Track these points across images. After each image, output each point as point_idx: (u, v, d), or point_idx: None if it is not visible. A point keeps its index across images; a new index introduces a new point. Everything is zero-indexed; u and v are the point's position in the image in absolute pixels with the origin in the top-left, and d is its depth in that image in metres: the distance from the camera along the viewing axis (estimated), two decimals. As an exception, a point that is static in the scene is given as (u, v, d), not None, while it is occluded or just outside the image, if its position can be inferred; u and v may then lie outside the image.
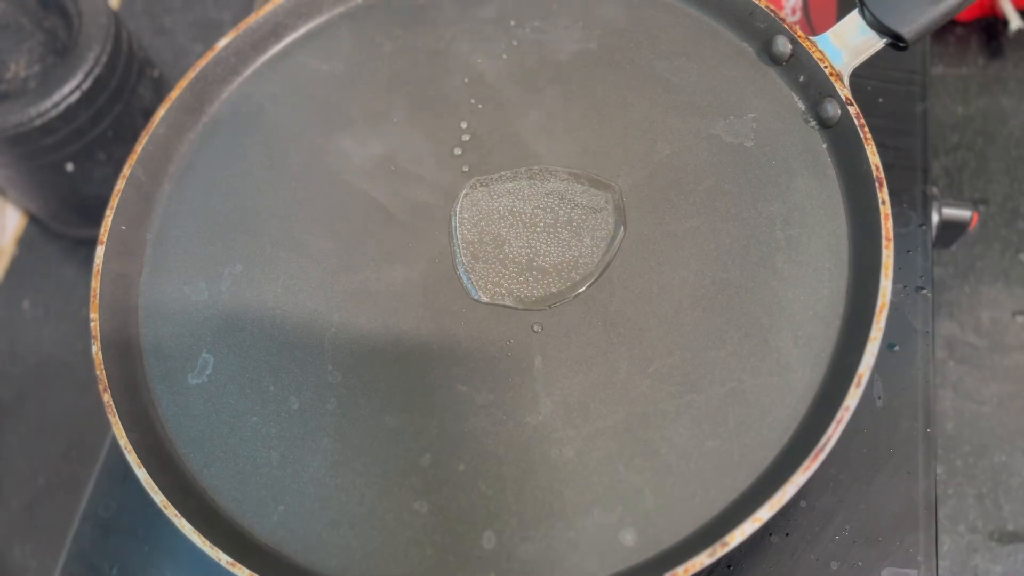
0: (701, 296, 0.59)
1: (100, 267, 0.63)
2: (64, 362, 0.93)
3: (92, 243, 0.64)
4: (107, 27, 0.83)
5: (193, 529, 0.53)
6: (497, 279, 0.62)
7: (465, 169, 0.66)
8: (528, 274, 0.62)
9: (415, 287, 0.63)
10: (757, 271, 0.59)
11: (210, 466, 0.59)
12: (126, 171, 0.66)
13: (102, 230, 0.64)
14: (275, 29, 0.72)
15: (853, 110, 0.58)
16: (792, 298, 0.57)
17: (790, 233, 0.59)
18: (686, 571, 0.49)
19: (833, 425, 0.50)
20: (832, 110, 0.60)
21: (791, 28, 0.62)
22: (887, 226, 0.55)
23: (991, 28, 0.98)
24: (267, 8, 0.71)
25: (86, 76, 0.81)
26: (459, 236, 0.64)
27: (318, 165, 0.68)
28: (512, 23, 0.71)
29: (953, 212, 0.72)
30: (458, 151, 0.67)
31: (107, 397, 0.59)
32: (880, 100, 0.72)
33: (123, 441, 0.57)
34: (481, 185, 0.65)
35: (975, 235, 0.86)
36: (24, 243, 1.01)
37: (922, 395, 0.62)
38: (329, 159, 0.68)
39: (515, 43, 0.70)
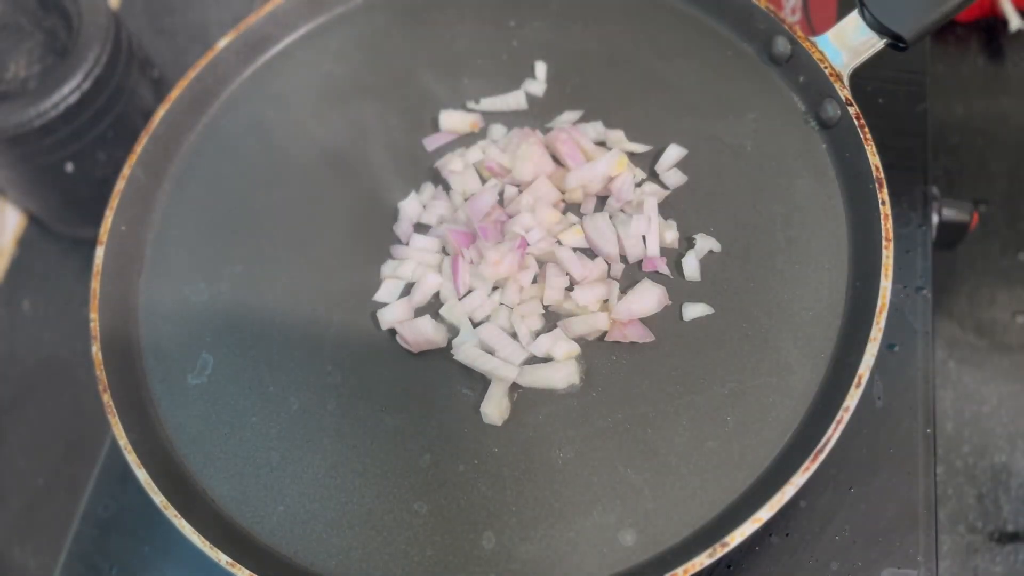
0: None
1: (100, 267, 0.63)
2: (64, 362, 0.93)
3: (92, 243, 0.64)
4: (107, 27, 0.83)
5: (193, 529, 0.53)
6: (497, 279, 0.62)
7: (465, 169, 0.66)
8: (528, 274, 0.62)
9: (415, 287, 0.63)
10: (757, 272, 0.59)
11: (210, 466, 0.59)
12: (126, 171, 0.66)
13: (102, 230, 0.64)
14: (275, 29, 0.72)
15: (853, 110, 0.58)
16: (792, 298, 0.57)
17: (790, 234, 0.59)
18: (686, 571, 0.49)
19: (833, 425, 0.50)
20: (832, 110, 0.60)
21: (791, 28, 0.62)
22: (887, 226, 0.55)
23: (991, 28, 0.98)
24: (267, 8, 0.71)
25: (86, 76, 0.81)
26: (459, 236, 0.64)
27: (318, 165, 0.68)
28: (512, 23, 0.71)
29: (953, 212, 0.72)
30: (458, 151, 0.67)
31: (107, 397, 0.59)
32: (880, 100, 0.72)
33: (123, 441, 0.57)
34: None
35: (975, 235, 0.86)
36: (24, 243, 1.01)
37: (922, 395, 0.62)
38: (329, 159, 0.68)
39: (515, 43, 0.70)
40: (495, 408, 0.56)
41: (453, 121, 0.67)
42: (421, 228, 0.64)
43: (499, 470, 0.56)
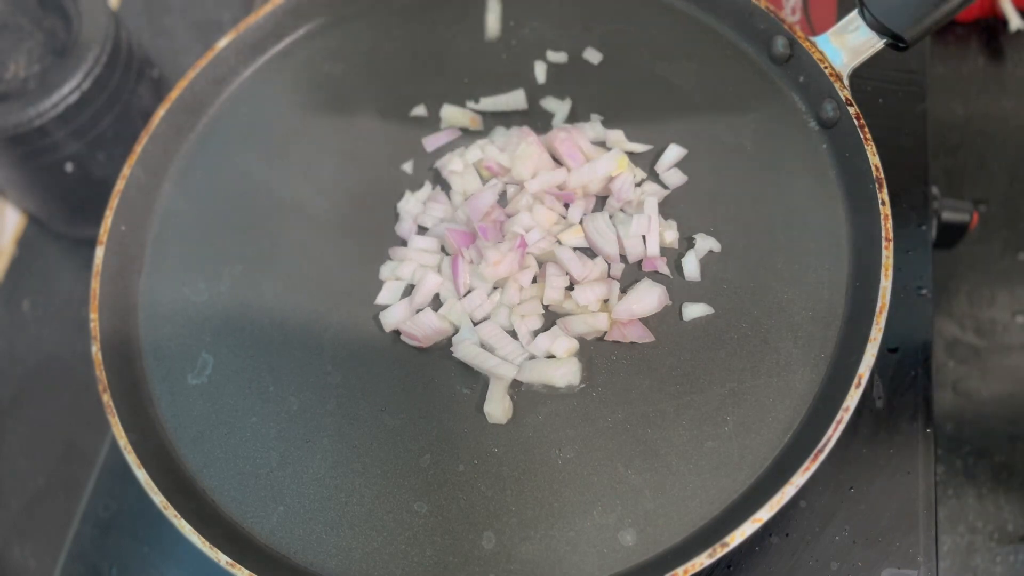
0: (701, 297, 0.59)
1: (100, 267, 0.63)
2: (64, 362, 0.93)
3: (92, 243, 0.64)
4: (107, 27, 0.83)
5: (193, 529, 0.53)
6: (497, 279, 0.62)
7: (465, 169, 0.66)
8: (528, 274, 0.62)
9: (415, 287, 0.63)
10: (757, 272, 0.59)
11: (210, 466, 0.59)
12: (126, 171, 0.66)
13: (102, 230, 0.64)
14: (275, 29, 0.72)
15: (853, 110, 0.58)
16: (792, 298, 0.57)
17: (790, 234, 0.59)
18: (686, 572, 0.49)
19: (833, 425, 0.50)
20: (832, 111, 0.60)
21: (791, 28, 0.62)
22: (887, 226, 0.55)
23: (991, 28, 0.98)
24: (267, 8, 0.71)
25: (86, 76, 0.81)
26: (459, 236, 0.64)
27: (318, 165, 0.68)
28: (512, 23, 0.71)
29: (953, 212, 0.72)
30: (458, 151, 0.67)
31: (107, 397, 0.59)
32: (880, 100, 0.72)
33: (123, 442, 0.57)
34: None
35: (975, 235, 0.86)
36: (24, 243, 1.01)
37: (922, 395, 0.62)
38: (329, 159, 0.68)
39: (514, 43, 0.70)
40: (498, 407, 0.56)
41: (454, 115, 0.67)
42: (420, 228, 0.64)
43: (499, 470, 0.56)
